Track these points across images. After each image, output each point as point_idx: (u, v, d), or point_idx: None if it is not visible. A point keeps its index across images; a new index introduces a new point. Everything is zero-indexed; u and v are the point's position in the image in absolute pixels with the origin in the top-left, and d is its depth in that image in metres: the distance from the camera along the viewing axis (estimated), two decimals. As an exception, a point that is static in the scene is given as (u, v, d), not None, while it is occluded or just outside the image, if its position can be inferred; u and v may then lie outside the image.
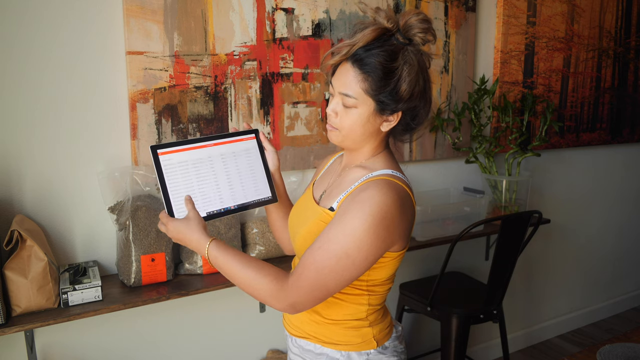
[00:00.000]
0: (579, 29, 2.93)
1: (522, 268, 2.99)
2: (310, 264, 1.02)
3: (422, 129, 1.17)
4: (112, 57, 1.72)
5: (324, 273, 1.01)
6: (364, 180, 1.09)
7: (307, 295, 1.03)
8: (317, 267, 1.01)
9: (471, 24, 2.51)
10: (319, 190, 1.24)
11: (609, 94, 3.16)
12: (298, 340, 1.22)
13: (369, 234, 1.00)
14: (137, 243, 1.66)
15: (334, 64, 1.08)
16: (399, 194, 1.05)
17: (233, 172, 1.20)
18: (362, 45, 1.04)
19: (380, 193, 1.02)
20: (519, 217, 2.12)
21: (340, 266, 1.01)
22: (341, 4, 2.11)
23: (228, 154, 1.20)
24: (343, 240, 1.01)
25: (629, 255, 3.62)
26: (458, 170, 2.63)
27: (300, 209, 1.24)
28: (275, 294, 1.03)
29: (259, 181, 1.24)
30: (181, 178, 1.13)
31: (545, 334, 3.22)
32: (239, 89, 1.93)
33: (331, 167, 1.30)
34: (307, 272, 1.02)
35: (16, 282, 1.46)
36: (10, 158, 1.61)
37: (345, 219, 1.02)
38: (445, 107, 2.47)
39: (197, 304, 1.95)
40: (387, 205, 1.02)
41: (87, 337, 1.76)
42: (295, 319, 1.22)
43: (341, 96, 1.08)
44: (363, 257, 1.02)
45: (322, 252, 1.02)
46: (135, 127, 1.75)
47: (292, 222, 1.25)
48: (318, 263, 1.02)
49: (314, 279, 1.02)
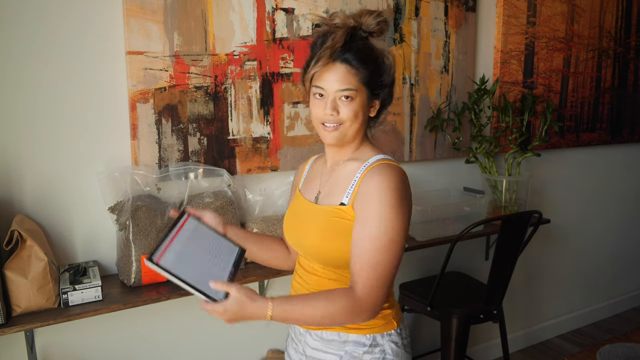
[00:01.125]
0: (579, 29, 2.93)
1: (522, 268, 2.99)
2: (368, 267, 1.08)
3: (386, 113, 1.29)
4: (112, 57, 1.72)
5: (383, 268, 1.09)
6: (364, 171, 1.16)
7: (378, 295, 1.09)
8: (375, 267, 1.08)
9: (471, 24, 2.51)
10: (310, 194, 1.29)
11: (609, 94, 3.16)
12: (319, 332, 1.23)
13: (397, 214, 1.10)
14: (137, 243, 1.66)
15: (320, 67, 1.14)
16: (400, 173, 1.15)
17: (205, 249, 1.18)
18: (341, 45, 1.13)
19: (388, 176, 1.12)
20: (519, 217, 2.12)
21: (391, 254, 1.10)
22: (341, 4, 2.11)
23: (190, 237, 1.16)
24: (383, 232, 1.09)
25: (628, 255, 3.62)
26: (458, 170, 2.63)
27: (300, 214, 1.28)
28: (354, 312, 1.08)
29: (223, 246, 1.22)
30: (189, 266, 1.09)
31: (545, 334, 3.22)
32: (239, 89, 1.93)
33: (311, 171, 1.35)
34: (368, 275, 1.08)
35: (16, 282, 1.46)
36: (10, 158, 1.61)
37: (372, 213, 1.10)
38: (445, 107, 2.47)
39: (197, 304, 1.94)
40: (397, 183, 1.12)
41: (87, 337, 1.76)
42: None
43: (339, 93, 1.14)
44: (402, 236, 1.11)
45: (371, 252, 1.09)
46: (135, 127, 1.75)
47: (295, 228, 1.28)
48: (373, 263, 1.08)
49: (377, 278, 1.08)
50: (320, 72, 1.15)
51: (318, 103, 1.17)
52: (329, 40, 1.13)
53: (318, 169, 1.32)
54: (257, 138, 1.99)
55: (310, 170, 1.36)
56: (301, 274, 1.28)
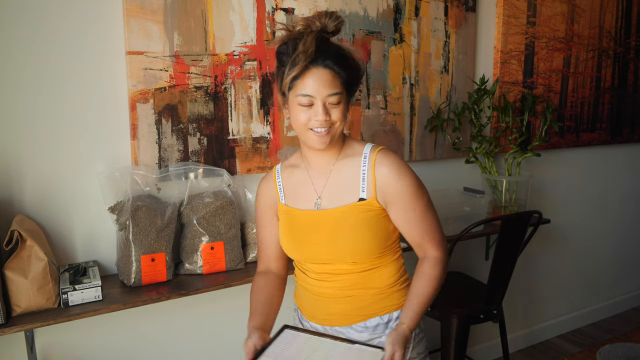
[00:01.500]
0: (579, 29, 2.93)
1: (522, 268, 2.99)
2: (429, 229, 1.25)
3: None
4: (112, 57, 1.72)
5: (436, 221, 1.28)
6: (369, 164, 1.23)
7: (445, 243, 1.30)
8: (431, 225, 1.26)
9: (471, 24, 2.51)
10: (303, 203, 1.28)
11: (609, 94, 3.16)
12: (361, 323, 1.28)
13: (418, 180, 1.26)
14: (137, 243, 1.66)
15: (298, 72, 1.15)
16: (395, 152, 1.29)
17: None
18: (313, 49, 1.15)
19: (395, 158, 1.24)
20: (519, 217, 2.12)
21: (433, 208, 1.28)
22: (341, 4, 2.11)
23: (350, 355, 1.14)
24: (421, 196, 1.24)
25: (629, 255, 3.62)
26: (458, 170, 2.63)
27: (305, 226, 1.26)
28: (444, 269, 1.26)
29: None
30: None
31: (545, 334, 3.22)
32: (239, 89, 1.93)
33: (289, 181, 1.32)
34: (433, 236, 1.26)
35: (16, 282, 1.46)
36: (10, 158, 1.61)
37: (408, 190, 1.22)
38: (445, 107, 2.47)
39: (197, 304, 1.95)
40: (402, 159, 1.26)
41: (87, 337, 1.76)
42: (351, 309, 1.27)
43: (328, 98, 1.17)
44: None
45: (424, 217, 1.24)
46: (135, 127, 1.75)
47: (307, 242, 1.26)
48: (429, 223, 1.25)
49: (438, 231, 1.27)
50: (302, 79, 1.15)
51: (304, 110, 1.17)
52: (299, 45, 1.15)
53: (300, 177, 1.30)
54: (257, 138, 1.99)
55: (288, 182, 1.32)
56: (325, 278, 1.28)
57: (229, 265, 1.82)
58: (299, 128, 1.20)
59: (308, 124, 1.18)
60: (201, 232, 1.78)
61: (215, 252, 1.80)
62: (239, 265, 1.85)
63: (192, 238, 1.79)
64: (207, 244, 1.79)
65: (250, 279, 1.79)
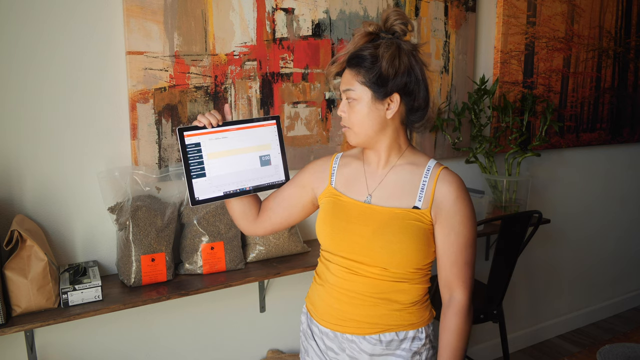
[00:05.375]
0: (579, 29, 2.93)
1: (522, 268, 2.99)
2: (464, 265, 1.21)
3: (429, 112, 1.25)
4: (112, 57, 1.72)
5: (473, 263, 1.23)
6: (432, 177, 1.21)
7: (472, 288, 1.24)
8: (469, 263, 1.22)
9: (471, 24, 2.51)
10: (355, 194, 1.26)
11: (609, 94, 3.17)
12: (375, 335, 1.23)
13: (474, 215, 1.23)
14: (137, 243, 1.66)
15: (335, 72, 1.24)
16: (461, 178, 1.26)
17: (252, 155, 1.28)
18: (353, 50, 1.19)
19: (460, 182, 1.21)
20: (519, 217, 2.12)
21: (475, 249, 1.24)
22: (341, 4, 2.11)
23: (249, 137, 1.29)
24: (470, 231, 1.21)
25: (628, 255, 3.62)
26: (458, 170, 2.63)
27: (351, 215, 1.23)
28: (469, 316, 1.23)
29: (276, 165, 1.32)
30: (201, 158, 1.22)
31: (545, 334, 3.22)
32: (239, 89, 1.93)
33: (345, 170, 1.30)
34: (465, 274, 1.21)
35: (16, 282, 1.46)
36: (10, 158, 1.61)
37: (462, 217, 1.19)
38: (445, 107, 2.47)
39: (197, 304, 1.95)
40: (465, 187, 1.23)
41: (87, 337, 1.76)
42: (368, 317, 1.24)
43: (345, 94, 1.20)
44: None
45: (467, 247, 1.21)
46: (135, 127, 1.75)
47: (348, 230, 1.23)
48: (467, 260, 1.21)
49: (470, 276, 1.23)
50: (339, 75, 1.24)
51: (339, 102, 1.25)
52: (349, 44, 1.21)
53: (357, 169, 1.29)
54: (257, 138, 1.99)
55: (343, 170, 1.30)
56: (350, 278, 1.23)
57: (229, 265, 1.82)
58: None
59: None
60: (201, 232, 1.78)
61: (215, 252, 1.80)
62: (239, 265, 1.85)
63: (192, 238, 1.79)
64: (207, 244, 1.79)
65: (250, 279, 1.79)
